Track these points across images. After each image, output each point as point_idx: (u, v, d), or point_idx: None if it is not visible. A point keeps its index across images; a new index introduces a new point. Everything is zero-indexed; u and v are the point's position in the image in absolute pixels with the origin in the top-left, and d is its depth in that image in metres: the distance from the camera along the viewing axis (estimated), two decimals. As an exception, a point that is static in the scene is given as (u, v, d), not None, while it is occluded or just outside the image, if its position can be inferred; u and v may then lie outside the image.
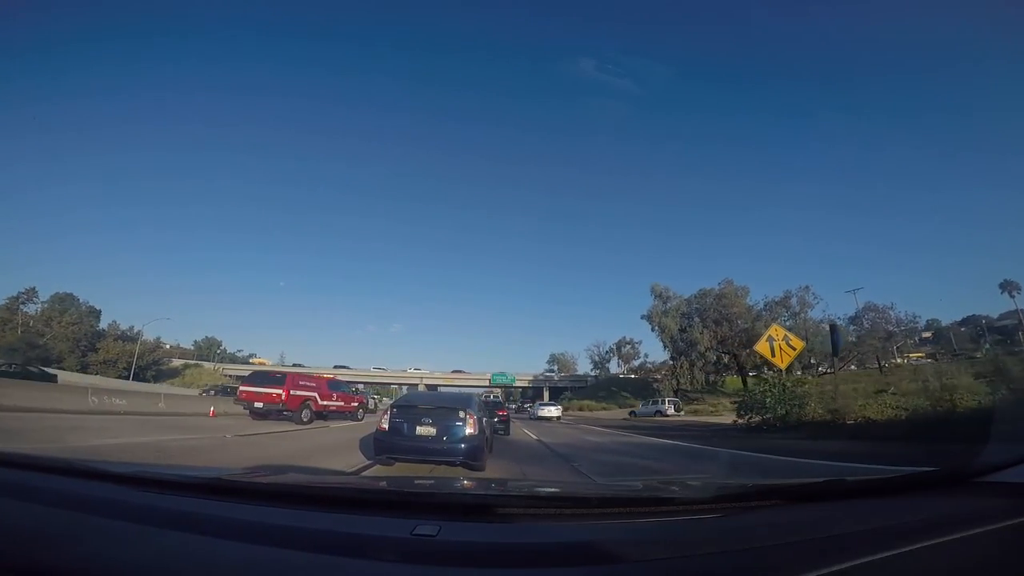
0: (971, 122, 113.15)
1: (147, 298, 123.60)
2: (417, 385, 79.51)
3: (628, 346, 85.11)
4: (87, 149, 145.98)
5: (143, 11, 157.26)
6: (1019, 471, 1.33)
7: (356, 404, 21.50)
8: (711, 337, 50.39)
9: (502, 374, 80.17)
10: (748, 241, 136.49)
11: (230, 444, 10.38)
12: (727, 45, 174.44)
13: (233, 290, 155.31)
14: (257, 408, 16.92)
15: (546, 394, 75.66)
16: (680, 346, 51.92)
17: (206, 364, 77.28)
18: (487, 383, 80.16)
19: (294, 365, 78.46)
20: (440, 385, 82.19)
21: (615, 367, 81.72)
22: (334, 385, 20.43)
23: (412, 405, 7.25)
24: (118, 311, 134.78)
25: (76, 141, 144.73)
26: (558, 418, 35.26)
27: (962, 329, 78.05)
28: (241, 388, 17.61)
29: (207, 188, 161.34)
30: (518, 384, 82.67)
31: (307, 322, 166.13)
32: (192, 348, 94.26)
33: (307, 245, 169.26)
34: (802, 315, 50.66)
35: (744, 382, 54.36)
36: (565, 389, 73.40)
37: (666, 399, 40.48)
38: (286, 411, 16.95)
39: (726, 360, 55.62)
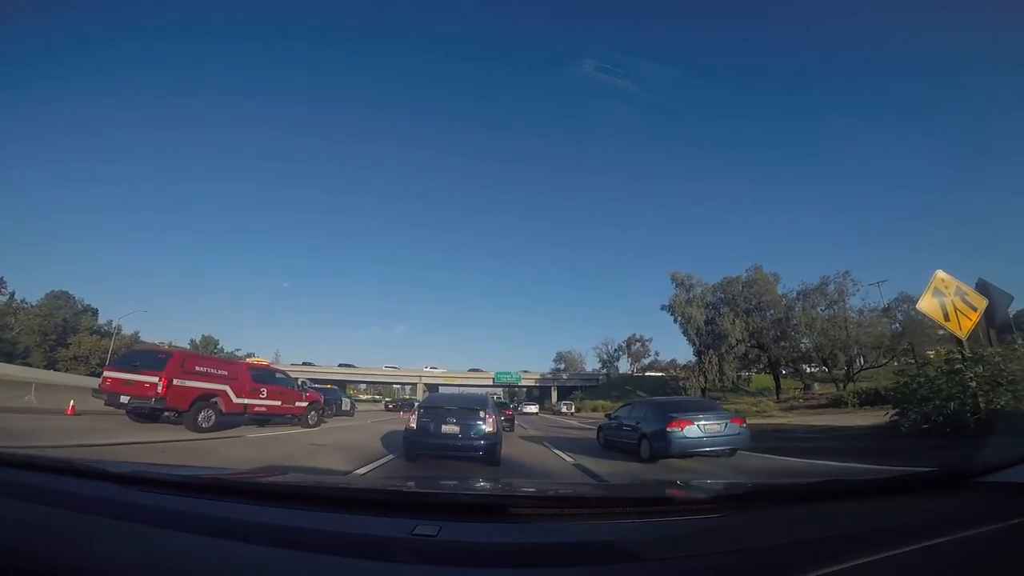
0: (985, 124, 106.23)
1: (151, 300, 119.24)
2: (415, 385, 73.42)
3: (638, 344, 79.30)
4: (90, 150, 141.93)
5: (142, 13, 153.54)
6: (1019, 471, 1.29)
7: (304, 405, 14.93)
8: (743, 328, 43.51)
9: (507, 373, 73.18)
10: (756, 240, 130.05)
11: None
12: (732, 46, 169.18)
13: (237, 292, 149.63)
14: (123, 403, 10.49)
15: (554, 394, 68.94)
16: (707, 339, 45.02)
17: (192, 362, 70.99)
18: (490, 382, 73.51)
19: (304, 364, 72.77)
20: (440, 385, 76.11)
21: (624, 366, 76.11)
22: (263, 376, 13.88)
23: (438, 406, 7.69)
24: (120, 312, 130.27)
25: (78, 142, 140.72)
26: (536, 413, 44.78)
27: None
28: (105, 374, 11.16)
29: (209, 190, 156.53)
30: (524, 383, 75.68)
31: (314, 323, 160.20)
32: (188, 347, 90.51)
33: (313, 248, 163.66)
34: (841, 304, 43.83)
35: (776, 379, 47.64)
36: (575, 388, 66.46)
37: (561, 402, 55.43)
38: (167, 411, 10.52)
39: (752, 356, 48.91)
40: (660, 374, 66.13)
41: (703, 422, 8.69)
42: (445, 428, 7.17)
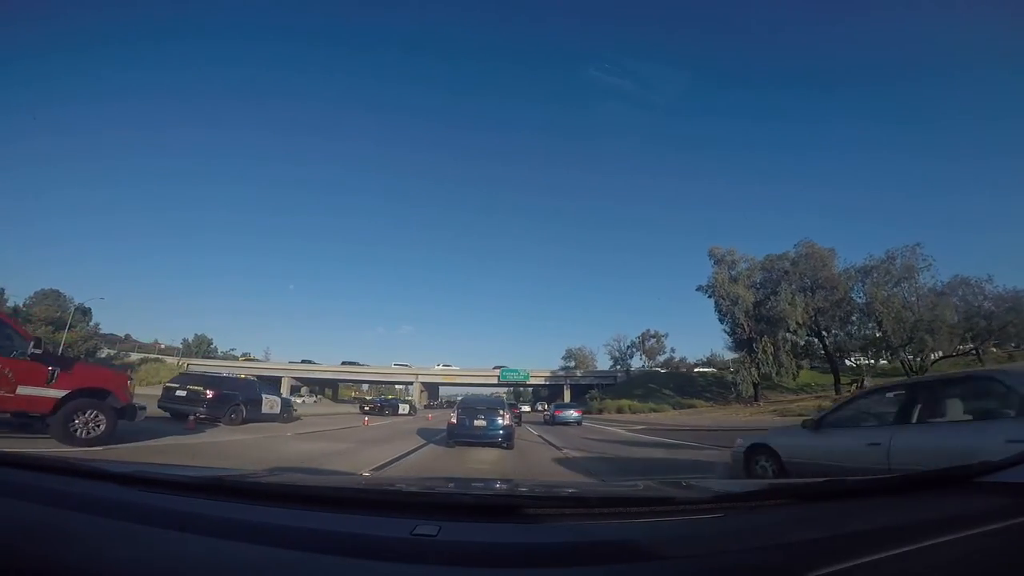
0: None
1: (153, 302, 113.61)
2: (412, 383, 65.01)
3: (653, 339, 71.14)
4: (95, 153, 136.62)
5: (146, 14, 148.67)
6: (1019, 471, 1.24)
7: (50, 395, 6.46)
8: (804, 309, 34.58)
9: (513, 370, 63.84)
10: (763, 240, 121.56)
11: None
12: (729, 49, 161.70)
13: (241, 294, 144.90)
14: None
15: (567, 393, 60.03)
16: (759, 324, 36.01)
17: (168, 359, 62.96)
18: (495, 380, 64.73)
19: (303, 361, 65.32)
20: (439, 384, 68.12)
21: (637, 363, 67.93)
22: None
23: (471, 407, 10.42)
24: (123, 314, 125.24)
25: (82, 145, 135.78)
26: (529, 411, 49.50)
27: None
28: None
29: (210, 192, 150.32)
30: (532, 382, 66.57)
31: (318, 324, 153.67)
32: (180, 346, 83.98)
33: (318, 250, 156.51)
34: (911, 280, 35.02)
35: (835, 371, 38.71)
36: (590, 387, 57.25)
37: (537, 402, 62.97)
38: None
39: (803, 344, 39.92)
40: (710, 369, 57.21)
41: (565, 411, 25.37)
42: (476, 422, 9.84)
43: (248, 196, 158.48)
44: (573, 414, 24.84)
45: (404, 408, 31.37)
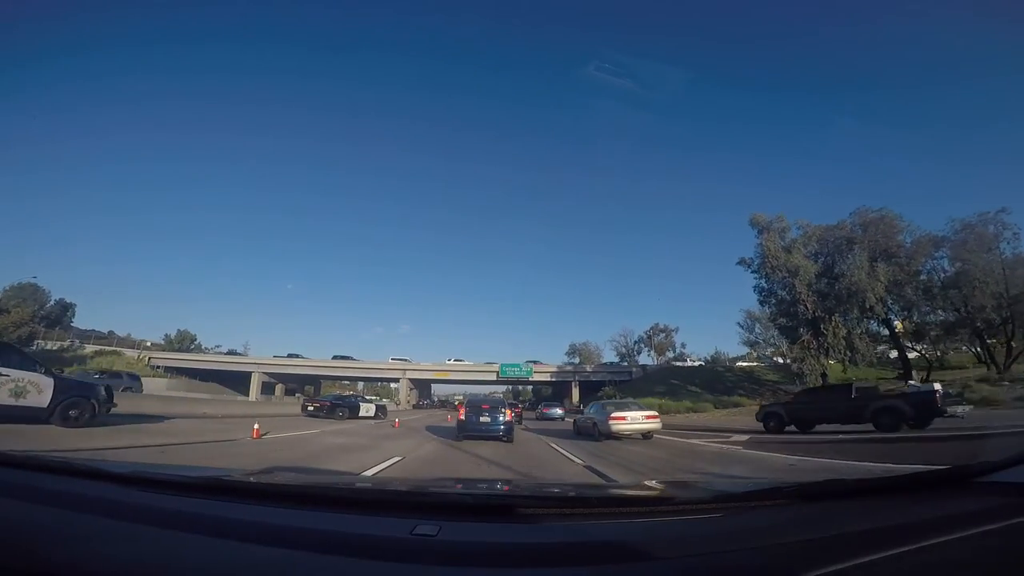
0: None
1: (155, 303, 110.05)
2: (399, 380, 57.30)
3: (662, 334, 64.33)
4: (97, 154, 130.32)
5: (149, 15, 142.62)
6: (1019, 471, 1.24)
7: None
8: (884, 280, 26.84)
9: (514, 365, 55.95)
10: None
11: None
12: (730, 49, 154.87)
13: (239, 295, 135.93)
14: None
15: (575, 391, 52.32)
16: (826, 301, 28.15)
17: (127, 351, 55.22)
18: (495, 376, 56.91)
19: (289, 355, 58.26)
20: (430, 380, 60.70)
21: (644, 359, 61.12)
22: None
23: (476, 405, 11.76)
24: (123, 314, 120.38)
25: (83, 146, 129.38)
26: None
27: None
28: None
29: (211, 193, 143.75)
30: (536, 378, 58.78)
31: (314, 323, 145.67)
32: (162, 343, 77.15)
33: (318, 251, 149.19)
34: (995, 251, 27.82)
35: (904, 360, 30.96)
36: (602, 383, 49.45)
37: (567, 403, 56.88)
38: None
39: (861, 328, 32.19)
40: (755, 364, 49.51)
41: (551, 409, 32.01)
42: (482, 419, 11.15)
43: (248, 197, 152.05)
44: (557, 411, 31.51)
45: (368, 409, 22.84)
